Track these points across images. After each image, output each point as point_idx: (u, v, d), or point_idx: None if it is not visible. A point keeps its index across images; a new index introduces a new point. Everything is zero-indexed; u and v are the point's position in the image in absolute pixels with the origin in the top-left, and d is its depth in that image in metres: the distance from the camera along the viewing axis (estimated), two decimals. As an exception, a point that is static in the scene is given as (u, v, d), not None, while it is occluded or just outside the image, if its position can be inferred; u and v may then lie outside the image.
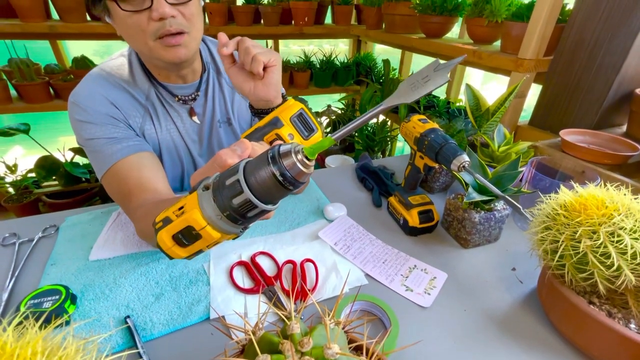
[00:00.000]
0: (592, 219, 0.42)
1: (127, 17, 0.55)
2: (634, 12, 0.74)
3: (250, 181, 0.27)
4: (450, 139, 0.57)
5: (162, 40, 0.58)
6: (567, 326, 0.47)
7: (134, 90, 0.66)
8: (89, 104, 0.62)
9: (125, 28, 0.58)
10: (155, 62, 0.63)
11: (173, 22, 0.57)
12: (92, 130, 0.61)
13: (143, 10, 0.55)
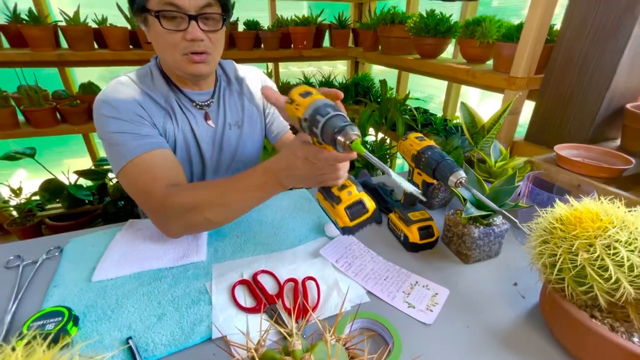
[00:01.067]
0: (588, 232, 0.43)
1: (165, 33, 0.66)
2: (619, 30, 0.78)
3: None
4: (447, 155, 0.59)
5: (189, 57, 0.69)
6: (570, 341, 0.47)
7: (155, 95, 0.73)
8: (119, 102, 0.67)
9: (160, 40, 0.68)
10: (177, 72, 0.73)
11: (201, 44, 0.68)
12: (120, 125, 0.66)
13: (179, 31, 0.66)
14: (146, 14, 0.66)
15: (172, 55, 0.69)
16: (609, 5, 0.79)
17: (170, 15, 0.65)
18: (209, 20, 0.69)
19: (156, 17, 0.64)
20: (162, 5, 0.64)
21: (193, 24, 0.66)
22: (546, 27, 0.89)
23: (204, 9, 0.67)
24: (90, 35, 1.51)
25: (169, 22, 0.65)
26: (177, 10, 0.64)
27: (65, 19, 1.48)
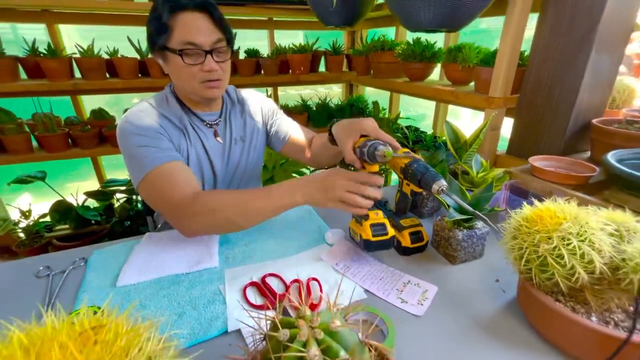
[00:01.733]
0: (547, 227, 0.50)
1: (185, 67, 0.77)
2: (578, 55, 0.89)
3: None
4: (431, 167, 0.67)
5: (205, 84, 0.81)
6: (541, 324, 0.54)
7: (171, 117, 0.84)
8: (142, 122, 0.79)
9: (180, 72, 0.79)
10: (193, 97, 0.85)
11: (215, 73, 0.80)
12: (142, 140, 0.76)
13: (197, 64, 0.77)
14: (166, 51, 0.77)
15: (191, 83, 0.80)
16: (569, 34, 0.90)
17: (190, 52, 0.76)
18: (220, 53, 0.81)
19: (179, 55, 0.75)
20: (183, 44, 0.75)
21: (209, 58, 0.78)
22: (517, 54, 1.01)
23: (216, 44, 0.78)
24: (102, 66, 1.62)
25: (189, 57, 0.77)
26: (195, 47, 0.76)
27: (79, 52, 1.59)
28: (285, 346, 0.29)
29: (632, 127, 0.90)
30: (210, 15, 0.77)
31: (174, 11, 0.74)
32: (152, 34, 0.78)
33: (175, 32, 0.75)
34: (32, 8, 1.55)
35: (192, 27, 0.75)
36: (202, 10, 0.76)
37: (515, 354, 0.52)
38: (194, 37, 0.75)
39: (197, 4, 0.75)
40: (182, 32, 0.75)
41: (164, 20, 0.74)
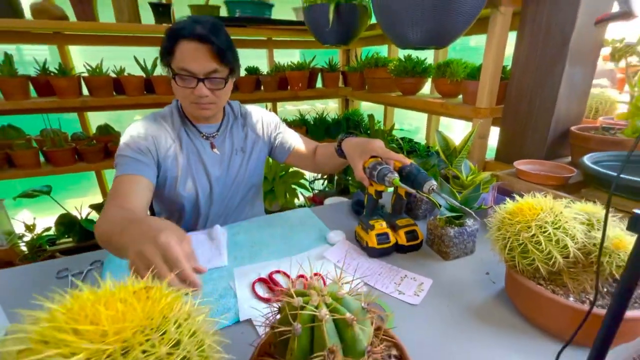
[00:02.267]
0: (527, 217, 0.57)
1: (179, 88, 0.86)
2: (554, 69, 0.97)
3: None
4: (422, 170, 0.74)
5: (197, 105, 0.89)
6: (525, 306, 0.59)
7: (168, 126, 0.94)
8: (134, 135, 0.88)
9: (177, 90, 0.88)
10: (189, 112, 0.95)
11: (205, 99, 0.87)
12: (127, 150, 0.86)
13: (190, 87, 0.85)
14: (169, 68, 0.86)
15: (184, 101, 0.91)
16: (544, 49, 0.99)
17: (184, 77, 0.84)
18: (215, 82, 0.86)
19: (173, 78, 0.85)
20: (178, 69, 0.83)
21: (200, 85, 0.84)
22: (499, 68, 1.09)
23: (211, 73, 0.85)
24: (110, 84, 1.70)
25: (182, 81, 0.84)
26: (188, 74, 0.83)
27: (87, 70, 1.67)
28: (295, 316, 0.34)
29: (607, 133, 0.98)
30: (210, 47, 0.82)
31: (177, 38, 0.82)
32: (162, 53, 0.86)
33: (176, 56, 0.83)
34: (45, 31, 1.63)
35: (189, 55, 0.82)
36: (203, 41, 0.81)
37: (503, 336, 0.57)
38: (188, 65, 0.82)
39: (197, 35, 0.81)
40: (180, 58, 0.82)
41: (169, 45, 0.83)
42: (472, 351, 0.54)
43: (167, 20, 1.69)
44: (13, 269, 0.78)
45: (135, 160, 0.84)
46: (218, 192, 1.01)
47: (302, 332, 0.33)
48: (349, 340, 0.33)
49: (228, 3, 1.78)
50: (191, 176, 0.96)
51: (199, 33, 0.81)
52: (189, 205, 0.98)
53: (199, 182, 0.97)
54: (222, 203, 1.04)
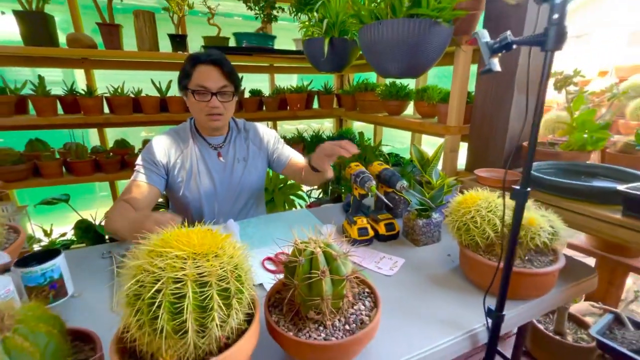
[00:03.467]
0: (469, 205, 0.77)
1: (196, 102, 1.06)
2: (505, 96, 1.20)
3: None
4: (396, 173, 0.94)
5: (209, 117, 1.10)
6: (468, 270, 0.78)
7: (180, 141, 1.16)
8: (153, 148, 1.10)
9: (192, 106, 1.09)
10: (202, 124, 1.16)
11: (217, 109, 1.08)
12: (143, 161, 1.09)
13: (205, 101, 1.06)
14: (187, 90, 1.07)
15: (199, 114, 1.10)
16: (498, 80, 1.22)
17: (200, 92, 1.05)
18: (224, 95, 1.09)
19: (192, 93, 1.05)
20: (195, 86, 1.05)
21: (214, 98, 1.06)
22: (464, 94, 1.32)
23: (222, 88, 1.08)
24: (130, 103, 1.91)
25: (199, 96, 1.06)
26: (204, 89, 1.05)
27: (110, 92, 1.89)
28: (300, 252, 0.53)
29: (552, 147, 1.20)
30: (221, 68, 1.07)
31: (194, 64, 1.06)
32: (180, 78, 1.10)
33: (193, 77, 1.06)
34: (74, 57, 1.86)
35: (204, 75, 1.05)
36: (215, 65, 1.06)
37: (452, 294, 0.76)
38: (205, 82, 1.05)
39: (211, 60, 1.06)
40: (197, 77, 1.05)
41: (187, 69, 1.06)
42: (429, 304, 0.73)
43: (182, 48, 1.93)
44: (66, 252, 0.95)
45: (148, 170, 1.07)
46: (222, 194, 1.20)
47: (305, 262, 0.52)
48: (333, 268, 0.52)
49: (236, 35, 2.03)
50: (197, 180, 1.15)
51: (213, 58, 1.06)
52: (195, 204, 1.17)
53: (203, 185, 1.16)
54: (227, 204, 1.22)
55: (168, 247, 0.43)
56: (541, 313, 0.78)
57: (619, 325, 1.22)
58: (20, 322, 0.40)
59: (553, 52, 0.49)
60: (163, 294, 0.39)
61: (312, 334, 0.51)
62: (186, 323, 0.40)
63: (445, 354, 0.62)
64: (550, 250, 0.77)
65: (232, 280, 0.44)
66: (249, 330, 0.46)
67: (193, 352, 0.42)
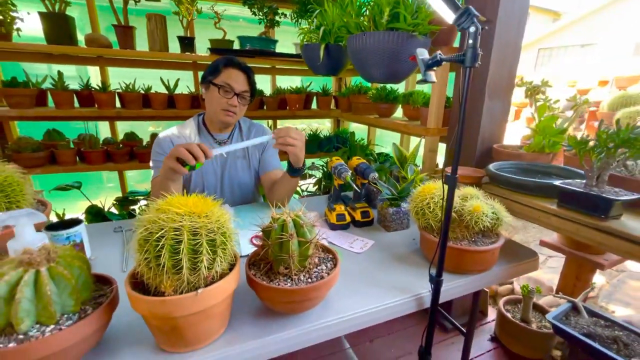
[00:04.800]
0: (426, 193, 0.90)
1: (218, 97, 1.18)
2: (478, 102, 1.33)
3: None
4: (370, 166, 1.08)
5: (225, 112, 1.22)
6: (423, 247, 0.91)
7: (186, 135, 1.27)
8: (162, 143, 1.22)
9: (212, 99, 1.21)
10: (215, 119, 1.26)
11: (233, 108, 1.22)
12: (156, 155, 1.21)
13: (227, 98, 1.18)
14: (211, 85, 1.20)
15: (217, 108, 1.21)
16: (472, 87, 1.35)
17: (226, 89, 1.19)
18: (243, 99, 1.24)
19: (218, 87, 1.19)
20: (223, 82, 1.18)
21: (234, 97, 1.20)
22: (443, 99, 1.46)
23: (243, 92, 1.22)
24: (140, 99, 2.07)
25: (225, 92, 1.19)
26: (229, 88, 1.19)
27: (122, 88, 2.04)
28: (275, 221, 0.67)
29: (518, 150, 1.33)
30: (247, 76, 1.23)
31: (227, 65, 1.21)
32: (207, 73, 1.22)
33: (222, 75, 1.20)
34: (91, 55, 2.02)
35: (233, 76, 1.20)
36: (244, 72, 1.23)
37: (410, 268, 0.89)
38: (232, 82, 1.19)
39: (241, 67, 1.22)
40: (226, 76, 1.19)
41: (219, 66, 1.20)
42: (387, 275, 0.86)
43: (190, 50, 2.08)
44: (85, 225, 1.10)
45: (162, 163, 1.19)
46: (223, 187, 1.34)
47: (277, 227, 0.65)
48: (300, 232, 0.66)
49: (240, 38, 2.18)
50: (202, 174, 1.30)
51: (243, 66, 1.23)
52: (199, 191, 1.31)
53: (207, 179, 1.31)
54: (228, 197, 1.35)
55: (171, 207, 0.57)
56: (485, 285, 0.91)
57: (576, 313, 1.35)
58: (60, 257, 0.55)
59: (471, 67, 0.62)
60: (165, 239, 0.53)
61: (281, 283, 0.65)
62: (181, 262, 0.54)
63: (393, 311, 0.75)
64: (494, 234, 0.90)
65: (218, 234, 0.58)
66: (229, 274, 0.60)
67: (186, 286, 0.56)
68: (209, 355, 0.60)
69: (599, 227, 0.80)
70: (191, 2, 2.01)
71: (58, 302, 0.53)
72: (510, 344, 1.53)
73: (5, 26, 1.63)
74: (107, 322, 0.58)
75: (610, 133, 0.81)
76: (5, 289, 0.48)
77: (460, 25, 0.60)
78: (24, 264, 0.51)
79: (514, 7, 1.26)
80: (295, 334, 0.66)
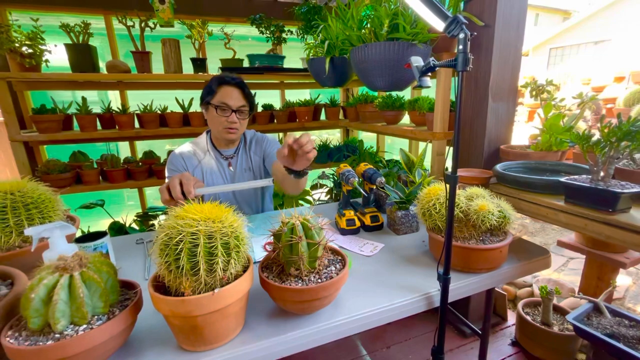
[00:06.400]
0: (431, 195, 0.92)
1: (217, 116, 1.24)
2: (482, 104, 1.35)
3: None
4: (377, 171, 1.11)
5: (226, 129, 1.26)
6: (432, 247, 0.93)
7: (198, 151, 1.33)
8: (173, 160, 1.29)
9: (214, 119, 1.26)
10: (219, 137, 1.32)
11: (234, 124, 1.26)
12: (170, 171, 1.27)
13: (225, 116, 1.23)
14: (209, 105, 1.26)
15: (218, 127, 1.27)
16: (475, 90, 1.38)
17: (223, 108, 1.24)
18: (242, 113, 1.29)
19: (215, 108, 1.24)
20: (219, 102, 1.24)
21: (233, 114, 1.25)
22: (447, 103, 1.48)
23: (240, 107, 1.27)
24: (157, 119, 2.18)
25: (222, 111, 1.24)
26: (226, 106, 1.24)
27: (140, 109, 2.16)
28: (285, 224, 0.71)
29: (527, 149, 1.33)
30: (242, 91, 1.28)
31: (220, 84, 1.26)
32: (204, 94, 1.29)
33: (217, 95, 1.25)
34: (111, 80, 2.15)
35: (228, 94, 1.25)
36: (237, 87, 1.27)
37: (419, 268, 0.91)
38: (227, 100, 1.24)
39: (235, 83, 1.27)
40: (221, 95, 1.25)
41: (213, 87, 1.26)
42: (397, 276, 0.88)
43: (202, 70, 2.19)
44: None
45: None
46: (238, 194, 1.39)
47: (287, 230, 0.69)
48: (308, 235, 0.69)
49: (249, 56, 2.28)
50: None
51: (236, 82, 1.27)
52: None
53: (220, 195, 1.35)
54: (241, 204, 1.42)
55: (188, 214, 0.62)
56: (496, 284, 0.91)
57: (598, 313, 1.31)
58: (91, 263, 0.60)
59: (463, 71, 0.66)
60: (184, 243, 0.58)
61: (292, 284, 0.69)
62: (199, 264, 0.58)
63: (403, 310, 0.77)
64: (502, 232, 0.91)
65: (232, 238, 0.62)
66: (243, 275, 0.64)
67: (204, 287, 0.60)
68: (226, 353, 0.63)
69: (606, 221, 0.80)
70: (202, 25, 2.13)
71: (89, 304, 0.58)
72: (532, 348, 1.50)
73: (35, 58, 1.77)
74: (133, 322, 0.63)
75: (612, 127, 0.82)
76: (44, 291, 0.54)
77: (450, 32, 0.64)
78: (59, 269, 0.57)
79: (512, 10, 1.29)
80: (308, 332, 0.69)
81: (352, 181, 1.07)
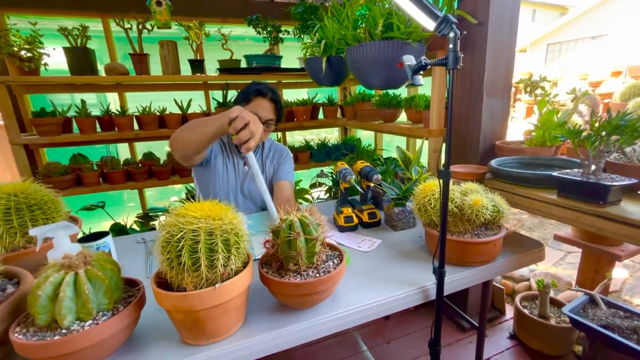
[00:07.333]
0: (426, 191, 0.94)
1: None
2: (477, 101, 1.37)
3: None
4: (374, 168, 1.13)
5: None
6: (428, 244, 0.95)
7: (223, 146, 1.36)
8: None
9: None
10: None
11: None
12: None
13: None
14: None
15: None
16: (470, 88, 1.39)
17: None
18: (269, 126, 1.33)
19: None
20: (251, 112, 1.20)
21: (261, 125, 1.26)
22: (442, 100, 1.50)
23: (269, 120, 1.31)
24: (156, 120, 2.19)
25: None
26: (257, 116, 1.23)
27: (139, 111, 2.18)
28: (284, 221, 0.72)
29: (521, 144, 1.35)
30: (275, 105, 1.32)
31: (257, 94, 1.29)
32: (240, 98, 1.32)
33: (251, 104, 1.29)
34: (110, 82, 2.17)
35: (261, 106, 1.29)
36: (271, 101, 1.31)
37: (415, 264, 0.93)
38: (259, 111, 1.27)
39: (271, 98, 1.31)
40: (254, 105, 1.28)
41: (250, 96, 1.29)
42: (394, 270, 0.90)
43: (200, 71, 2.20)
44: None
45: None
46: (243, 195, 1.41)
47: (285, 227, 0.71)
48: (306, 231, 0.71)
49: (247, 57, 2.30)
50: (227, 177, 1.38)
51: (272, 97, 1.31)
52: (222, 196, 1.38)
53: (230, 183, 1.39)
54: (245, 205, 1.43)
55: (188, 212, 0.64)
56: (491, 276, 0.93)
57: (593, 305, 1.33)
58: (95, 261, 0.62)
59: (454, 70, 0.67)
60: (185, 240, 0.60)
61: (291, 279, 0.70)
62: (200, 260, 0.60)
63: (399, 303, 0.79)
64: (496, 226, 0.93)
65: (232, 235, 0.64)
66: (243, 271, 0.66)
67: (205, 283, 0.62)
68: (228, 347, 0.65)
69: (597, 213, 0.82)
70: (199, 27, 2.14)
71: (94, 300, 0.60)
72: (530, 341, 1.52)
73: (34, 62, 1.79)
74: (137, 318, 0.65)
75: (602, 122, 0.84)
76: (50, 289, 0.56)
77: (441, 32, 0.65)
78: (65, 267, 0.58)
79: (505, 7, 1.31)
80: (307, 325, 0.71)
81: (350, 179, 1.09)
